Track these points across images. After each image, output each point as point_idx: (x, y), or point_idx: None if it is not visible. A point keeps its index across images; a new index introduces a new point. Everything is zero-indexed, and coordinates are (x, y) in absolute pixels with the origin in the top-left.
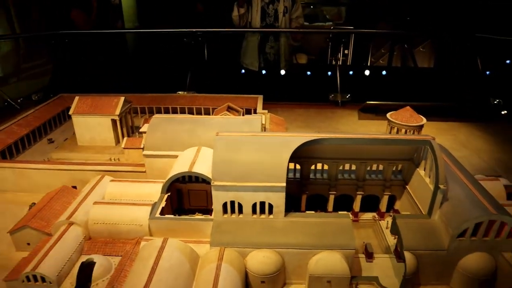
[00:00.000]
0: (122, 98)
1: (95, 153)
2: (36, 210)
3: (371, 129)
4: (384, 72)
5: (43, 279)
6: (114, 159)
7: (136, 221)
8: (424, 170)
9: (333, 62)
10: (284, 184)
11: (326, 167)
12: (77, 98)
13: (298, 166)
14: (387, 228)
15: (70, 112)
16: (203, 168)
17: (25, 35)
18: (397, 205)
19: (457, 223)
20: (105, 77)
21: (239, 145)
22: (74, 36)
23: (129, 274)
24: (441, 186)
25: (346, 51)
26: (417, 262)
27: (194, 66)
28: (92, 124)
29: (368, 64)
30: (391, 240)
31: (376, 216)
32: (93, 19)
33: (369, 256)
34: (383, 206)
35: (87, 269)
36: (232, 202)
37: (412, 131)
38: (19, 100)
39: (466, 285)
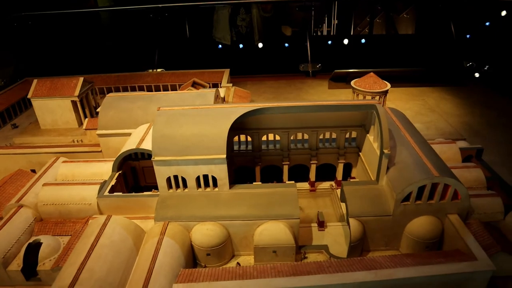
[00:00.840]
0: (81, 79)
1: (58, 136)
2: None
3: (340, 97)
4: (363, 41)
5: None
6: (77, 141)
7: (84, 200)
8: (373, 136)
9: (319, 33)
10: (224, 156)
11: (278, 137)
12: (35, 81)
13: (250, 138)
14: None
15: (29, 96)
16: (151, 144)
17: None
18: (354, 173)
19: (401, 188)
20: (73, 58)
21: (180, 119)
22: (38, 17)
23: (71, 252)
24: (385, 151)
25: (335, 22)
26: (364, 228)
27: (162, 43)
28: (52, 106)
29: (351, 33)
30: (345, 208)
31: (334, 184)
32: None
33: (321, 224)
34: (339, 174)
35: (34, 250)
36: (176, 177)
37: (377, 97)
38: None
39: (414, 249)
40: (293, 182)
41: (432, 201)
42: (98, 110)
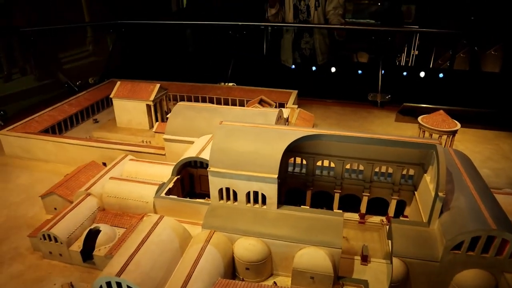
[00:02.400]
0: (158, 85)
1: (130, 135)
2: (65, 180)
3: (406, 132)
4: (441, 75)
5: (56, 239)
6: (146, 142)
7: (142, 198)
8: (430, 177)
9: (396, 63)
10: (276, 176)
11: (332, 164)
12: (118, 83)
13: (305, 162)
14: None
15: (111, 96)
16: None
17: (91, 23)
18: (407, 211)
19: (452, 234)
20: (156, 65)
21: (238, 134)
22: (131, 26)
23: (123, 244)
24: (440, 194)
25: (412, 52)
26: (407, 271)
27: (236, 59)
28: (129, 107)
29: (431, 66)
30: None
31: (384, 220)
32: None
33: (364, 259)
34: (391, 210)
35: (93, 235)
36: (228, 189)
37: (444, 137)
38: (77, 83)
39: None
40: (341, 211)
41: (487, 254)
42: (168, 116)
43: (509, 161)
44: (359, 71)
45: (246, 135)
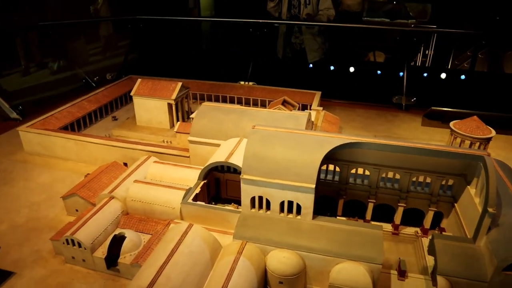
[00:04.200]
0: (180, 84)
1: (150, 134)
2: (87, 180)
3: (434, 137)
4: (463, 77)
5: (79, 244)
6: (166, 141)
7: (169, 203)
8: (475, 189)
9: (411, 63)
10: (314, 186)
11: (367, 172)
12: (139, 80)
13: (337, 169)
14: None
15: (132, 93)
16: (240, 159)
17: (109, 18)
18: (444, 224)
19: (504, 254)
20: (174, 61)
21: (273, 140)
22: (150, 22)
23: (151, 253)
24: (490, 210)
25: (427, 52)
26: None
27: (257, 57)
28: (150, 106)
29: (449, 67)
30: (431, 261)
31: (419, 232)
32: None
33: (402, 274)
34: (427, 222)
35: (118, 242)
36: (261, 198)
37: (477, 144)
38: (95, 79)
39: None
40: (380, 224)
41: None
42: (191, 116)
43: None
44: (378, 72)
45: (281, 141)
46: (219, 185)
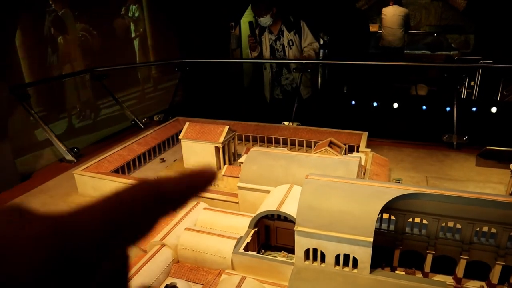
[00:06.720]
0: (227, 127)
1: None
2: None
3: (492, 178)
4: None
5: None
6: (214, 185)
7: (220, 253)
8: None
9: (458, 96)
10: (371, 239)
11: (425, 221)
12: (187, 124)
13: (393, 217)
14: None
15: (180, 137)
16: (292, 208)
17: (157, 62)
18: None
19: None
20: (218, 103)
21: (328, 191)
22: (195, 64)
23: None
24: None
25: (472, 83)
26: None
27: (300, 97)
28: (198, 149)
29: (498, 99)
30: None
31: (485, 286)
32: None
33: None
34: (494, 277)
35: None
36: (315, 250)
37: None
38: (143, 120)
39: None
40: (443, 281)
41: None
42: (239, 160)
43: None
44: (423, 107)
45: (336, 192)
46: (269, 233)
